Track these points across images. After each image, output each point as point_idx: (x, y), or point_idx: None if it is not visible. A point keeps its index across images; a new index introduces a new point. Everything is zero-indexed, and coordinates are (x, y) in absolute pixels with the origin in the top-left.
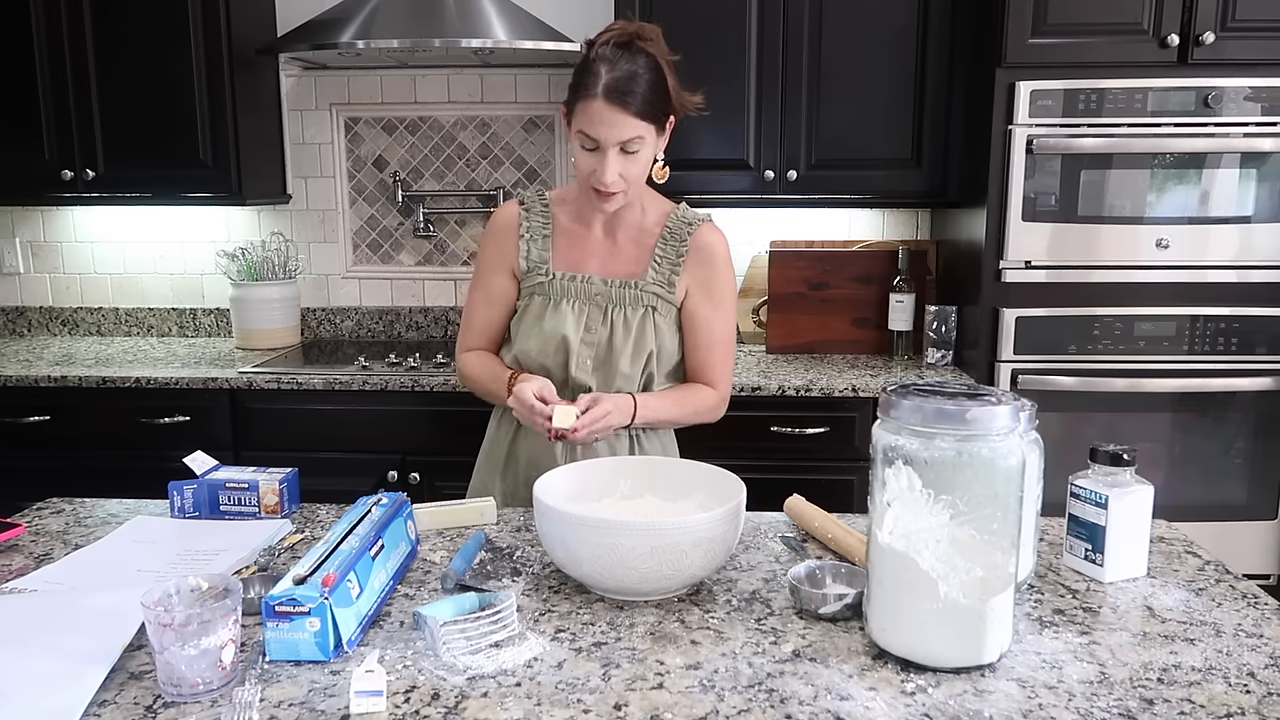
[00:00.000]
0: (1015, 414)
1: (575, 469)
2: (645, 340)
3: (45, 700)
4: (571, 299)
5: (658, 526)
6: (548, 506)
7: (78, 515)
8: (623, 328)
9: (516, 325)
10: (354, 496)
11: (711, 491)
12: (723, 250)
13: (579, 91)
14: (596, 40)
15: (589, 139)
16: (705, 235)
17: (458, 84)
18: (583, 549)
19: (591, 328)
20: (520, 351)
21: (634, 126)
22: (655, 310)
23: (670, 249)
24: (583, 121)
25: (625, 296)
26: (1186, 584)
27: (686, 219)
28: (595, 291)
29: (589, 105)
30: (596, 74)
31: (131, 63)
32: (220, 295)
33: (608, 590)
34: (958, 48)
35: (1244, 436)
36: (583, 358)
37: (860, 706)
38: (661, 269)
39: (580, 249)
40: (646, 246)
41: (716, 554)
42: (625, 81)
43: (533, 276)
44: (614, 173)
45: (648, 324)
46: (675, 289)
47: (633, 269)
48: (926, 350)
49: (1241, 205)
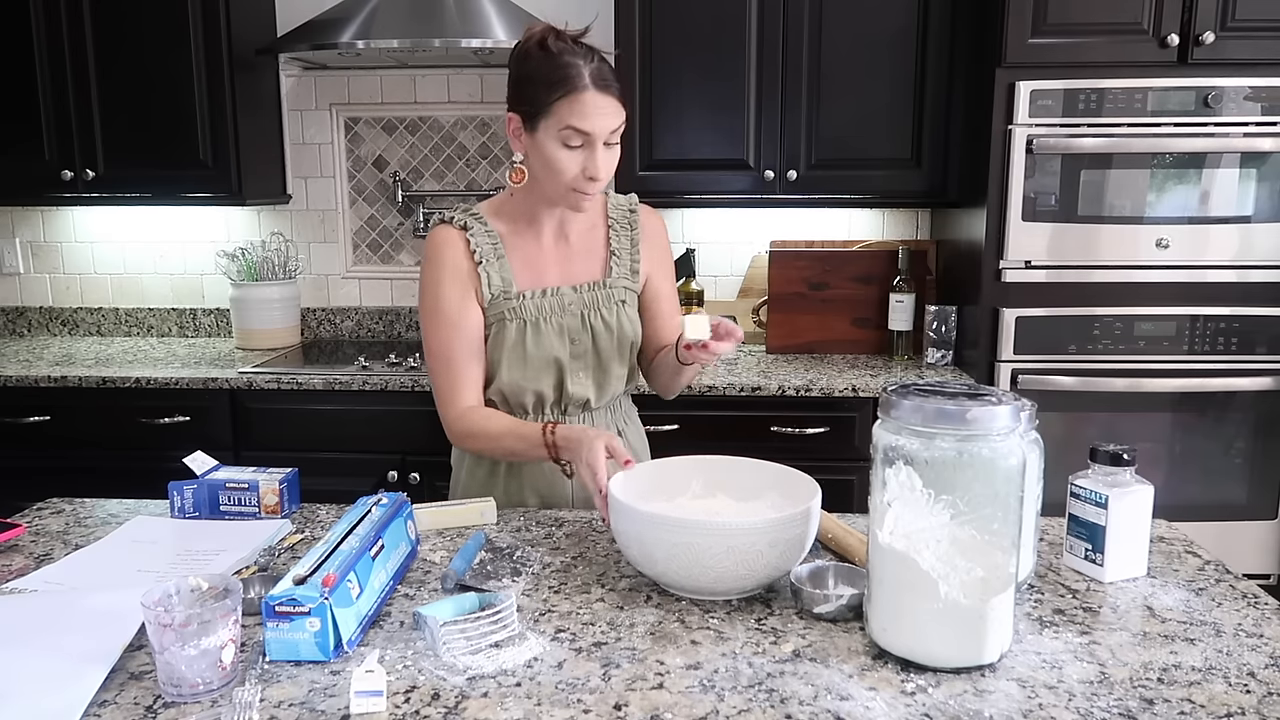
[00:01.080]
0: (1015, 414)
1: (646, 468)
2: (625, 335)
3: (45, 700)
4: (547, 315)
5: (736, 527)
6: (625, 505)
7: (78, 515)
8: (604, 330)
9: (493, 355)
10: (354, 496)
11: (785, 492)
12: (663, 224)
13: (559, 89)
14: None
15: (579, 134)
16: (649, 218)
17: (458, 84)
18: (659, 548)
19: (576, 339)
20: (508, 384)
21: (619, 113)
22: (625, 303)
23: (624, 239)
24: (573, 117)
25: (597, 298)
26: (1186, 584)
27: (625, 206)
28: (568, 302)
29: (579, 98)
30: (574, 66)
31: (131, 63)
32: (220, 295)
33: (683, 589)
34: (958, 47)
35: (1244, 436)
36: (574, 371)
37: (860, 706)
38: (623, 260)
39: (537, 262)
40: (599, 242)
41: (792, 554)
42: (605, 70)
43: (498, 303)
44: (606, 165)
45: (623, 319)
46: (639, 276)
47: (594, 268)
48: (926, 350)
49: (1241, 205)
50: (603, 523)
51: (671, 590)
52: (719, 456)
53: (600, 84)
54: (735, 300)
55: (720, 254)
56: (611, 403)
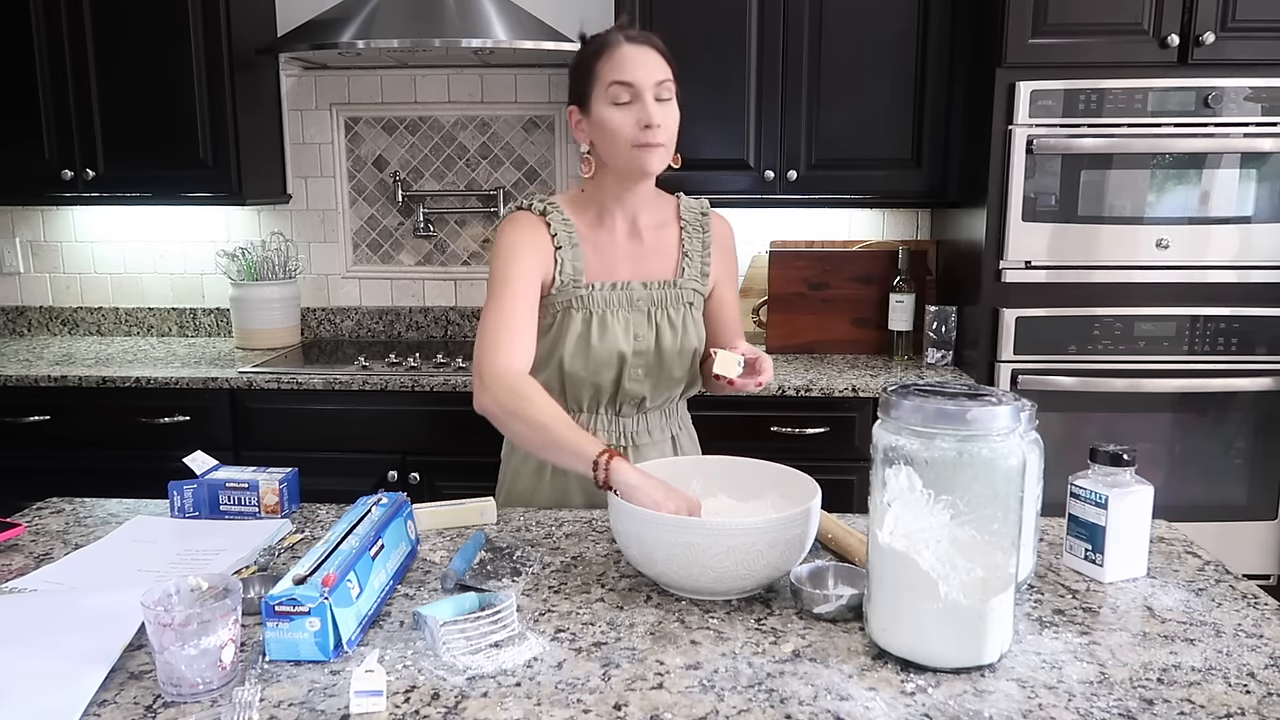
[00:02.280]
0: (1015, 414)
1: (648, 468)
2: (690, 339)
3: (45, 700)
4: (615, 309)
5: (736, 527)
6: (625, 505)
7: (78, 515)
8: (669, 330)
9: (553, 344)
10: (354, 496)
11: (785, 492)
12: (732, 231)
13: (598, 53)
14: (585, 35)
15: (624, 87)
16: (719, 223)
17: (458, 84)
18: (659, 548)
19: (640, 335)
20: (569, 373)
21: (661, 67)
22: (693, 306)
23: (696, 241)
24: (613, 72)
25: (667, 297)
26: (1186, 584)
27: (697, 209)
28: (637, 297)
29: (616, 52)
30: (609, 35)
31: (131, 62)
32: (220, 295)
33: (683, 589)
34: (958, 48)
35: (1244, 436)
36: (634, 367)
37: (860, 706)
38: (694, 263)
39: (609, 255)
40: (672, 242)
41: (792, 554)
42: (643, 33)
43: (567, 290)
44: (659, 115)
45: (689, 322)
46: (709, 279)
47: (665, 268)
48: (926, 350)
49: (1241, 205)
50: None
51: (671, 590)
52: (719, 456)
53: (636, 38)
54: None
55: None
56: (667, 405)
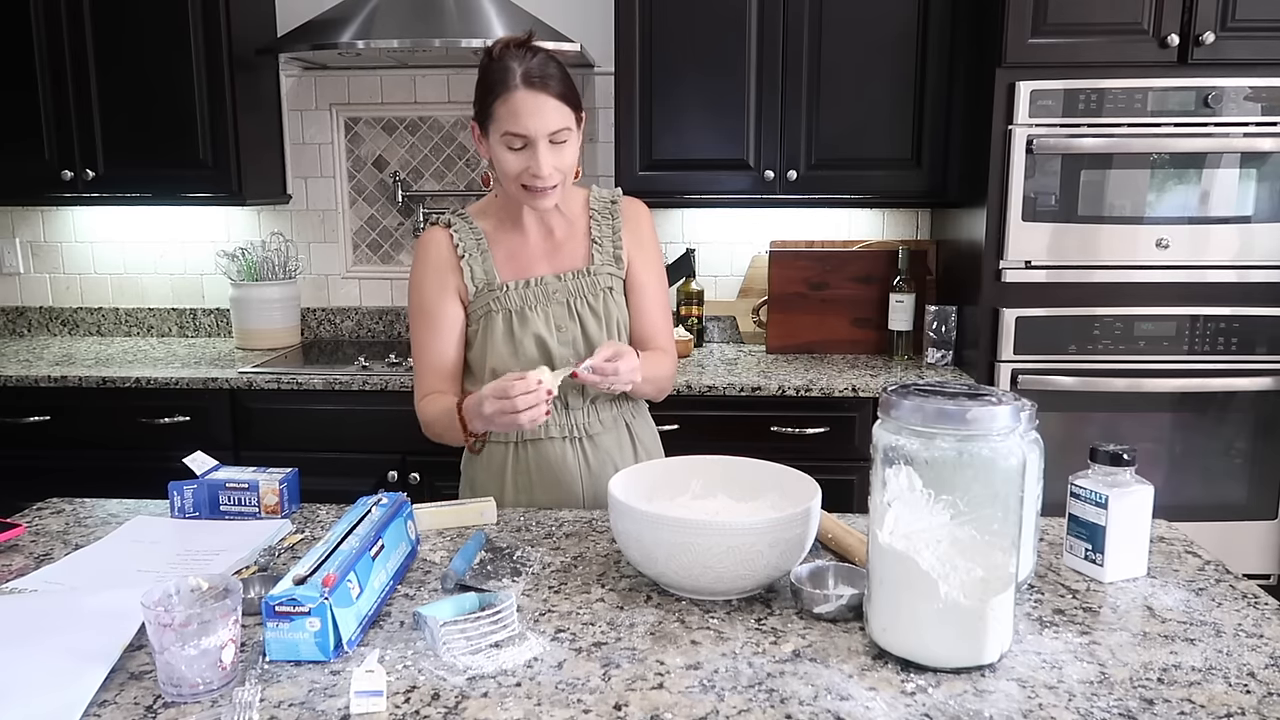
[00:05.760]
0: (1015, 414)
1: (647, 468)
2: (613, 321)
3: (45, 700)
4: (533, 304)
5: (735, 527)
6: (625, 505)
7: (78, 515)
8: (591, 316)
9: (481, 349)
10: (354, 496)
11: (785, 492)
12: (648, 215)
13: (495, 91)
14: (492, 49)
15: (516, 137)
16: (630, 205)
17: (458, 84)
18: (659, 548)
19: (563, 326)
20: (495, 370)
21: (558, 112)
22: (612, 290)
23: (605, 226)
24: (507, 119)
25: (583, 286)
26: (1186, 584)
27: (607, 198)
28: (553, 290)
29: (510, 98)
30: (509, 69)
31: (131, 63)
32: (220, 295)
33: (683, 589)
34: (958, 48)
35: (1244, 436)
36: (563, 358)
37: (860, 706)
38: (604, 248)
39: (522, 256)
40: (582, 233)
41: (792, 554)
42: (540, 67)
43: (483, 296)
44: (549, 164)
45: (610, 305)
46: (622, 262)
47: (577, 258)
48: (926, 350)
49: (1241, 205)
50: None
51: (671, 590)
52: (719, 456)
53: (530, 82)
54: (735, 300)
55: (720, 254)
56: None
